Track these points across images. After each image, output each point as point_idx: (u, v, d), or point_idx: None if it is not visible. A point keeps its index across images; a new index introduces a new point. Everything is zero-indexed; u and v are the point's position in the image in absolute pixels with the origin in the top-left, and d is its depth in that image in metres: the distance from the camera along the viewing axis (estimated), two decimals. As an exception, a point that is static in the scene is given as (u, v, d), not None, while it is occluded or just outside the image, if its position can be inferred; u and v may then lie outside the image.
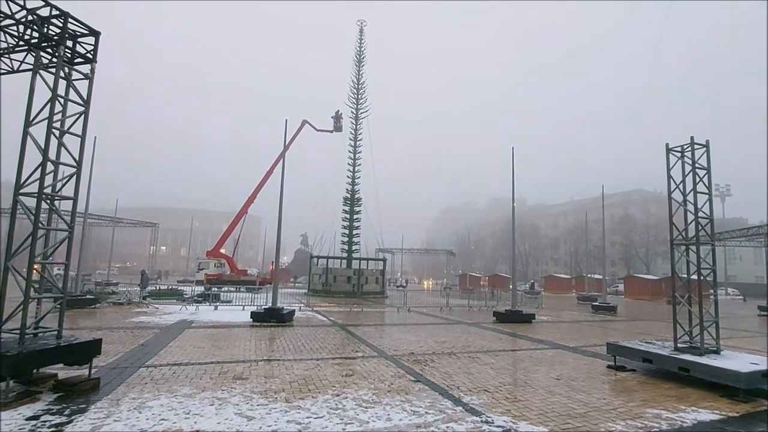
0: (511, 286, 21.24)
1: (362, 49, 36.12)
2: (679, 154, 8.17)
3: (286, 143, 16.32)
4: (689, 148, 8.01)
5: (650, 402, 5.89)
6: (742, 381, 6.04)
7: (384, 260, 36.20)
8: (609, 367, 8.14)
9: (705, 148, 7.93)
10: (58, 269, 21.12)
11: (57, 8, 5.94)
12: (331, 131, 40.68)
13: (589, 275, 42.61)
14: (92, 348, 6.04)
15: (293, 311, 14.95)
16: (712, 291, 8.03)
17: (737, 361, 6.82)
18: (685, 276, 8.20)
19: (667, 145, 8.34)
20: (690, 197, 7.92)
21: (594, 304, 24.03)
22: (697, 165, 7.90)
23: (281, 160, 16.00)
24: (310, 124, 40.40)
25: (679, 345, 7.66)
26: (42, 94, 5.86)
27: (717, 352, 7.37)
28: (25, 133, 5.68)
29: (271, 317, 13.54)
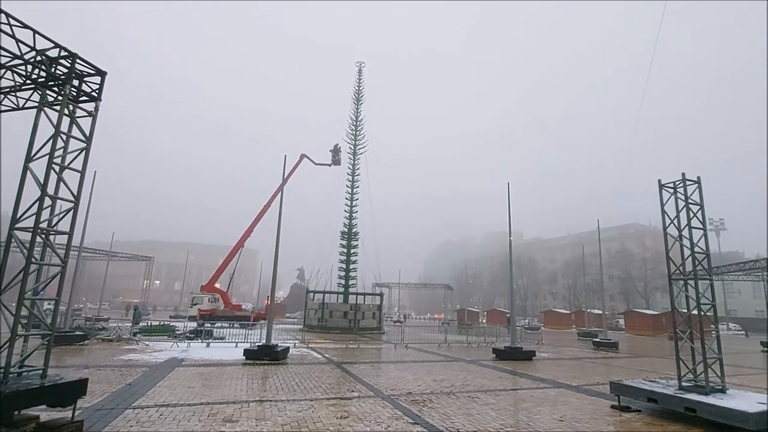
0: (509, 322, 20.88)
1: (360, 87, 37.30)
2: (672, 190, 8.30)
3: (284, 177, 16.49)
4: (681, 185, 8.15)
5: (657, 445, 5.66)
6: (751, 422, 5.85)
7: (381, 295, 35.70)
8: (613, 407, 7.88)
9: (697, 184, 8.07)
10: (48, 304, 20.65)
11: (66, 49, 6.16)
12: (330, 165, 41.25)
13: (588, 310, 42.12)
14: (77, 388, 5.81)
15: (287, 348, 14.55)
16: (713, 326, 7.92)
17: (744, 400, 6.63)
18: (685, 311, 8.11)
19: (659, 181, 8.49)
20: (685, 232, 7.98)
21: (595, 340, 23.57)
22: (690, 200, 8.01)
23: (279, 194, 16.11)
24: (309, 158, 41.02)
25: (683, 383, 7.47)
26: (44, 130, 5.96)
27: (723, 390, 7.18)
28: (25, 168, 5.73)
29: (265, 355, 13.16)
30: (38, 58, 6.06)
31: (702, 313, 7.63)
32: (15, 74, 6.28)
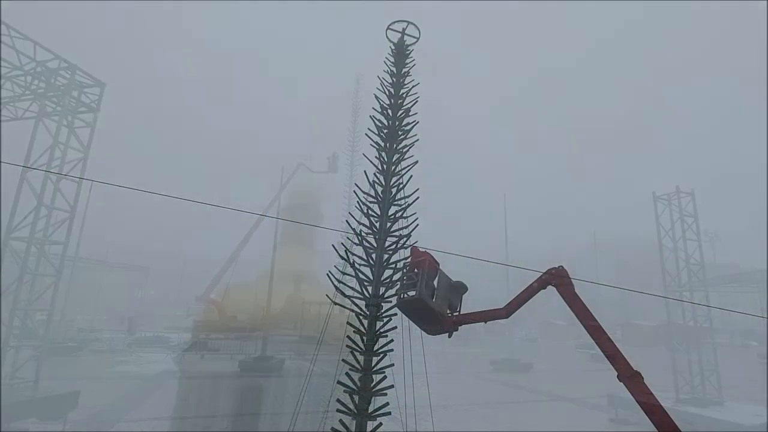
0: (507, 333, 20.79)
1: (358, 99, 37.49)
2: (666, 203, 8.38)
3: (281, 186, 16.52)
4: (675, 197, 8.24)
5: (655, 459, 5.61)
6: (748, 435, 5.82)
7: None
8: (611, 420, 7.83)
9: (691, 197, 8.15)
10: (42, 315, 20.42)
11: (66, 61, 6.21)
12: (326, 172, 41.10)
13: (585, 321, 41.98)
14: (69, 401, 5.74)
15: (283, 360, 14.40)
16: (709, 338, 7.93)
17: (741, 412, 6.62)
18: (682, 322, 8.13)
19: (654, 193, 8.58)
20: (680, 244, 8.04)
21: (592, 352, 23.47)
22: (684, 212, 8.09)
23: (276, 203, 16.12)
24: (306, 166, 40.95)
25: (681, 396, 7.44)
26: (42, 140, 5.98)
27: (720, 403, 7.16)
28: (22, 178, 5.73)
29: (260, 367, 13.00)
30: (38, 69, 6.11)
31: (698, 324, 7.65)
32: (15, 85, 6.32)
